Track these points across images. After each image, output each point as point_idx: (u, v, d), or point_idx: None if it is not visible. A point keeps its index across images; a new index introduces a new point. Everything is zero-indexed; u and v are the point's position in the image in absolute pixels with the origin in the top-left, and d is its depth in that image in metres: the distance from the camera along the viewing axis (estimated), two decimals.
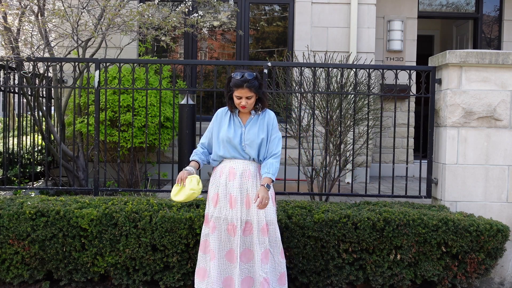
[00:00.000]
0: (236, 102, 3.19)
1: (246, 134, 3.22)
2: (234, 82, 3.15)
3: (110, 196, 4.29)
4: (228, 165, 3.25)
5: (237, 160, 3.24)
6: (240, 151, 3.22)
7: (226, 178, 3.23)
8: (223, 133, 3.24)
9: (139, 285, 3.76)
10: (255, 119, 3.27)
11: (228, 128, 3.24)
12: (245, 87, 3.12)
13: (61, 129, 5.33)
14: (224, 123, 3.28)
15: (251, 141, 3.20)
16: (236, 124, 3.26)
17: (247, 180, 3.21)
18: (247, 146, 3.21)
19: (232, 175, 3.21)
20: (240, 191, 3.19)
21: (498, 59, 4.11)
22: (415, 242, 3.70)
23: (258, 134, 3.21)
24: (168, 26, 5.37)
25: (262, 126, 3.25)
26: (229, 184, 3.21)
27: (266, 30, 7.53)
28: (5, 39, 4.94)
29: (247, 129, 3.24)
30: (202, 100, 6.39)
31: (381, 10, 7.81)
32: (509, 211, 4.17)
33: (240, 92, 3.14)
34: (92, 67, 5.49)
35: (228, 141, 3.21)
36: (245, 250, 3.18)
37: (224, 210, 3.20)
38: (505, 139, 4.17)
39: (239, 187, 3.19)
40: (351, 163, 4.90)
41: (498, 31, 8.44)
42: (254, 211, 3.16)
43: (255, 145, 3.21)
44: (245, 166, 3.23)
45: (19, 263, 3.73)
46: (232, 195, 3.19)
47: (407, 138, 6.02)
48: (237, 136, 3.21)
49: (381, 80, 4.50)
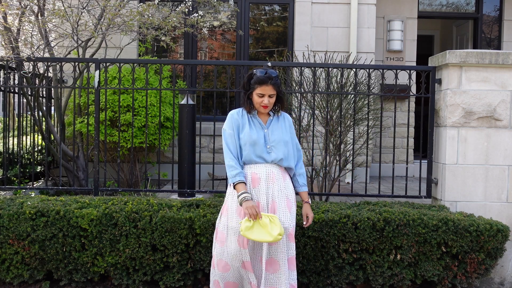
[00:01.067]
0: (257, 101, 3.00)
1: (270, 136, 3.05)
2: (258, 78, 2.99)
3: (110, 196, 4.29)
4: (249, 171, 3.03)
5: (259, 164, 3.04)
6: (265, 154, 3.02)
7: (249, 185, 3.00)
8: (245, 136, 3.01)
9: (139, 285, 3.76)
10: (275, 120, 3.12)
11: (250, 130, 3.02)
12: (270, 84, 2.98)
13: (61, 129, 5.34)
14: (244, 125, 3.05)
15: (277, 142, 3.04)
16: (257, 125, 3.07)
17: (272, 183, 3.02)
18: (273, 148, 3.03)
19: (256, 181, 3.01)
20: (266, 198, 3.00)
21: (498, 59, 4.11)
22: (415, 242, 3.70)
23: (282, 135, 3.07)
24: (168, 26, 5.36)
25: (285, 128, 3.11)
26: (253, 192, 3.00)
27: (266, 30, 7.53)
28: (5, 39, 4.94)
29: (270, 130, 3.07)
30: (202, 100, 6.40)
31: (381, 10, 7.81)
32: (509, 211, 4.17)
33: (264, 89, 2.98)
34: (92, 67, 5.49)
35: (252, 144, 3.00)
36: (271, 260, 3.00)
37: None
38: (505, 139, 4.17)
39: (265, 193, 3.00)
40: (351, 163, 4.90)
41: (498, 31, 8.44)
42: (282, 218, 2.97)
43: (280, 146, 3.04)
44: (268, 170, 3.03)
45: (19, 263, 3.73)
46: (260, 202, 2.99)
47: (407, 138, 6.02)
48: (261, 138, 3.02)
49: (381, 80, 4.51)
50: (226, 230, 3.04)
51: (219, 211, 3.69)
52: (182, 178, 4.46)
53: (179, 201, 3.93)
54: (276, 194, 3.02)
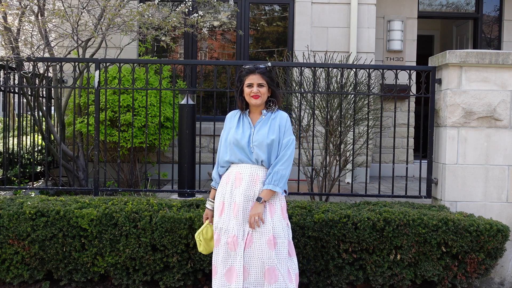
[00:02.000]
0: (247, 92, 2.95)
1: (254, 135, 2.95)
2: (245, 70, 2.99)
3: (110, 196, 4.29)
4: (234, 170, 2.97)
5: (244, 164, 2.95)
6: (248, 154, 2.94)
7: (232, 184, 2.95)
8: (230, 135, 2.97)
9: (139, 285, 3.76)
10: (266, 119, 3.00)
11: (236, 129, 2.98)
12: (257, 72, 2.95)
13: (61, 129, 5.34)
14: (233, 124, 3.01)
15: (260, 142, 2.92)
16: (246, 124, 3.00)
17: (255, 185, 2.91)
18: (256, 147, 2.92)
19: (239, 180, 2.93)
20: (244, 198, 2.89)
21: (498, 59, 4.11)
22: (415, 242, 3.70)
23: (267, 134, 2.93)
24: (168, 26, 5.37)
25: (273, 126, 2.97)
26: (234, 191, 2.93)
27: (266, 30, 7.53)
28: (5, 39, 4.94)
29: (256, 129, 2.97)
30: (202, 100, 6.40)
31: (381, 10, 7.81)
32: (509, 211, 4.17)
33: (251, 78, 2.94)
34: (92, 67, 5.49)
35: (236, 143, 2.94)
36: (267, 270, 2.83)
37: (228, 220, 2.93)
38: (505, 139, 4.17)
39: (244, 193, 2.90)
40: (351, 163, 4.90)
41: (498, 31, 8.44)
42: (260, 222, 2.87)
43: (264, 147, 2.92)
44: (253, 171, 2.93)
45: (19, 263, 3.73)
46: (236, 202, 2.90)
47: (407, 138, 6.02)
48: (245, 137, 2.95)
49: (381, 80, 4.51)
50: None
51: None
52: (182, 178, 4.46)
53: (179, 201, 3.93)
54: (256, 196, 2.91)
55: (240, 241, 2.87)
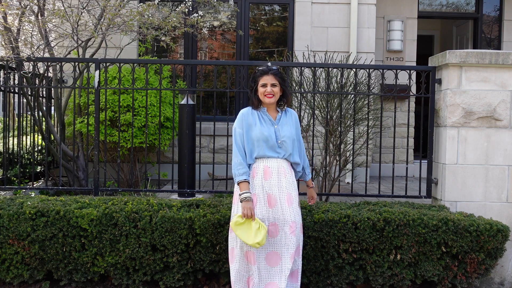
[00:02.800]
0: (261, 91, 3.19)
1: (281, 131, 3.21)
2: (259, 71, 3.23)
3: (110, 196, 4.29)
4: (261, 164, 3.18)
5: (271, 159, 3.19)
6: (276, 149, 3.19)
7: (261, 178, 3.16)
8: (257, 132, 3.16)
9: (139, 285, 3.76)
10: (283, 116, 3.28)
11: (261, 127, 3.18)
12: (270, 73, 3.19)
13: (61, 129, 5.34)
14: (254, 122, 3.20)
15: (287, 137, 3.20)
16: (267, 122, 3.22)
17: (283, 178, 3.17)
18: (284, 142, 3.19)
19: (268, 174, 3.16)
20: (278, 190, 3.14)
21: (498, 59, 4.11)
22: (415, 242, 3.70)
23: (290, 131, 3.23)
24: (168, 26, 5.36)
25: (292, 123, 3.28)
26: (265, 184, 3.15)
27: (266, 30, 7.53)
28: (5, 39, 4.94)
29: (280, 126, 3.23)
30: (202, 100, 6.40)
31: (381, 10, 7.81)
32: (509, 211, 4.17)
33: (265, 79, 3.18)
34: (92, 67, 5.49)
35: (265, 140, 3.16)
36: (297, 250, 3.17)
37: (263, 210, 3.12)
38: (505, 139, 4.17)
39: (278, 185, 3.15)
40: (351, 163, 4.90)
41: (498, 31, 8.44)
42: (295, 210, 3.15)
43: (289, 142, 3.20)
44: (279, 164, 3.19)
45: (19, 263, 3.73)
46: (272, 194, 3.13)
47: (407, 138, 6.03)
48: (272, 133, 3.19)
49: (381, 80, 4.51)
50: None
51: (219, 211, 3.70)
52: (182, 178, 4.46)
53: (179, 201, 3.93)
54: (289, 186, 3.18)
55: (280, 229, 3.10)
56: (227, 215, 3.66)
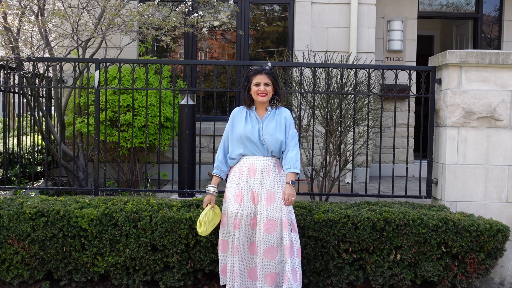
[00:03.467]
0: (254, 90, 3.29)
1: (264, 129, 3.29)
2: (252, 70, 3.34)
3: (110, 196, 4.29)
4: (247, 162, 3.30)
5: (256, 156, 3.30)
6: (259, 146, 3.28)
7: (246, 175, 3.28)
8: (240, 130, 3.30)
9: (139, 285, 3.76)
10: (272, 114, 3.35)
11: (245, 124, 3.30)
12: (263, 73, 3.29)
13: (61, 129, 5.34)
14: (240, 120, 3.34)
15: (270, 135, 3.27)
16: (253, 119, 3.33)
17: (268, 175, 3.26)
18: (266, 140, 3.27)
19: (252, 171, 3.27)
20: (261, 187, 3.24)
21: (498, 59, 4.11)
22: (415, 242, 3.70)
23: (275, 128, 3.29)
24: (168, 26, 5.36)
25: (279, 121, 3.33)
26: (249, 181, 3.27)
27: (266, 30, 7.53)
28: (5, 39, 4.94)
29: (265, 124, 3.31)
30: (202, 100, 6.39)
31: (381, 10, 7.81)
32: (509, 211, 4.17)
33: (259, 78, 3.28)
34: (92, 67, 5.49)
35: (247, 138, 3.27)
36: (270, 248, 3.22)
37: (248, 207, 3.26)
38: (505, 139, 4.17)
39: (260, 183, 3.25)
40: (351, 163, 4.90)
41: (498, 31, 8.44)
42: (277, 208, 3.23)
43: (273, 139, 3.27)
44: (264, 162, 3.29)
45: (19, 263, 3.73)
46: (254, 191, 3.26)
47: (407, 138, 6.01)
48: (255, 131, 3.28)
49: (381, 80, 4.51)
50: (227, 213, 3.35)
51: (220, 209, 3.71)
52: (182, 178, 4.46)
53: (179, 201, 3.93)
54: (272, 185, 3.26)
55: (260, 223, 3.23)
56: None
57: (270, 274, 3.26)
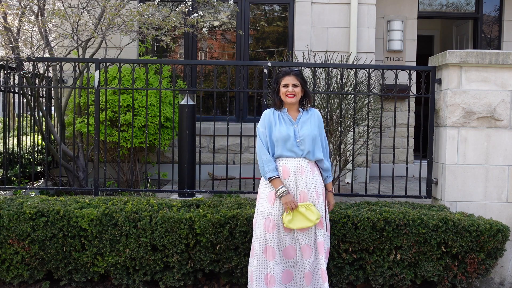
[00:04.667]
0: (283, 91, 3.27)
1: (300, 130, 3.28)
2: (281, 72, 3.33)
3: (110, 196, 4.29)
4: (281, 164, 3.28)
5: (289, 158, 3.27)
6: (295, 148, 3.26)
7: (281, 177, 3.26)
8: (276, 133, 3.27)
9: (139, 285, 3.76)
10: (304, 115, 3.35)
11: (280, 127, 3.28)
12: (292, 74, 3.28)
13: (61, 129, 5.33)
14: (275, 123, 3.31)
15: (306, 136, 3.26)
16: (287, 122, 3.31)
17: (300, 176, 3.24)
18: (302, 142, 3.26)
19: (286, 173, 3.25)
20: (296, 187, 3.23)
21: (498, 59, 4.11)
22: (415, 242, 3.70)
23: (311, 130, 3.29)
24: (168, 26, 5.36)
25: (314, 122, 3.33)
26: (284, 182, 3.24)
27: (266, 30, 7.53)
28: (5, 39, 4.94)
29: (300, 125, 3.30)
30: (202, 100, 6.39)
31: (381, 10, 7.81)
32: (509, 211, 4.17)
33: (287, 79, 3.27)
34: (92, 67, 5.49)
35: (283, 140, 3.25)
36: (305, 247, 3.21)
37: (281, 208, 3.22)
38: (505, 139, 4.17)
39: (294, 183, 3.24)
40: (351, 163, 4.90)
41: (498, 31, 8.43)
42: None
43: (309, 140, 3.26)
44: (298, 164, 3.26)
45: (19, 263, 3.73)
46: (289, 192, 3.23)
47: (407, 138, 6.02)
48: (291, 133, 3.27)
49: (381, 80, 4.51)
50: (257, 213, 3.31)
51: (219, 211, 3.71)
52: (182, 178, 4.46)
53: (179, 201, 3.94)
54: (305, 186, 3.24)
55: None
56: (227, 215, 3.67)
57: (307, 274, 3.26)
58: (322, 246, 3.26)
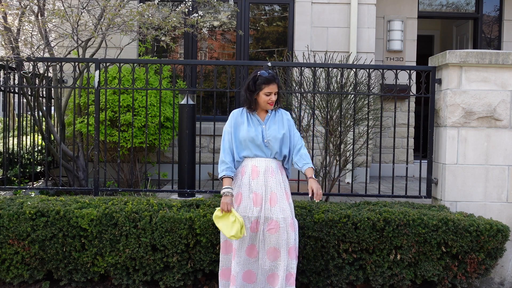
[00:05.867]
0: (265, 99, 3.27)
1: (267, 131, 3.30)
2: (265, 79, 3.26)
3: (110, 196, 4.29)
4: (250, 163, 3.29)
5: (259, 158, 3.29)
6: (263, 148, 3.28)
7: (249, 177, 3.27)
8: (243, 133, 3.28)
9: (139, 285, 3.76)
10: (272, 116, 3.37)
11: (248, 127, 3.29)
12: (275, 82, 3.28)
13: (61, 129, 5.34)
14: (242, 123, 3.32)
15: (273, 136, 3.28)
16: (255, 122, 3.33)
17: (270, 177, 3.26)
18: (270, 142, 3.28)
19: (255, 173, 3.26)
20: (264, 189, 3.23)
21: (498, 59, 4.11)
22: (415, 242, 3.70)
23: (278, 130, 3.31)
24: (168, 26, 5.36)
25: (281, 122, 3.35)
26: (252, 183, 3.25)
27: (266, 30, 7.53)
28: (5, 39, 4.94)
29: (268, 125, 3.32)
30: (202, 100, 6.40)
31: (381, 10, 7.81)
32: (509, 211, 4.17)
33: (271, 88, 3.26)
34: (92, 67, 5.49)
35: (251, 140, 3.26)
36: (271, 249, 3.19)
37: (248, 209, 3.23)
38: (505, 139, 4.17)
39: (264, 184, 3.24)
40: (351, 163, 4.90)
41: (498, 31, 8.44)
42: (281, 209, 3.20)
43: (277, 141, 3.28)
44: (267, 164, 3.28)
45: (19, 263, 3.73)
46: (257, 193, 3.23)
47: (407, 138, 6.02)
48: (259, 133, 3.28)
49: (381, 80, 4.51)
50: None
51: None
52: (182, 178, 4.46)
53: (179, 201, 3.93)
54: (275, 186, 3.25)
55: (261, 226, 3.21)
56: None
57: (273, 275, 3.25)
58: (294, 249, 3.24)
